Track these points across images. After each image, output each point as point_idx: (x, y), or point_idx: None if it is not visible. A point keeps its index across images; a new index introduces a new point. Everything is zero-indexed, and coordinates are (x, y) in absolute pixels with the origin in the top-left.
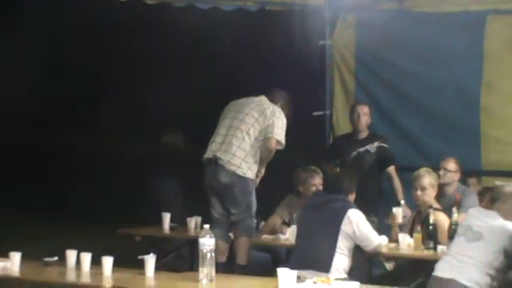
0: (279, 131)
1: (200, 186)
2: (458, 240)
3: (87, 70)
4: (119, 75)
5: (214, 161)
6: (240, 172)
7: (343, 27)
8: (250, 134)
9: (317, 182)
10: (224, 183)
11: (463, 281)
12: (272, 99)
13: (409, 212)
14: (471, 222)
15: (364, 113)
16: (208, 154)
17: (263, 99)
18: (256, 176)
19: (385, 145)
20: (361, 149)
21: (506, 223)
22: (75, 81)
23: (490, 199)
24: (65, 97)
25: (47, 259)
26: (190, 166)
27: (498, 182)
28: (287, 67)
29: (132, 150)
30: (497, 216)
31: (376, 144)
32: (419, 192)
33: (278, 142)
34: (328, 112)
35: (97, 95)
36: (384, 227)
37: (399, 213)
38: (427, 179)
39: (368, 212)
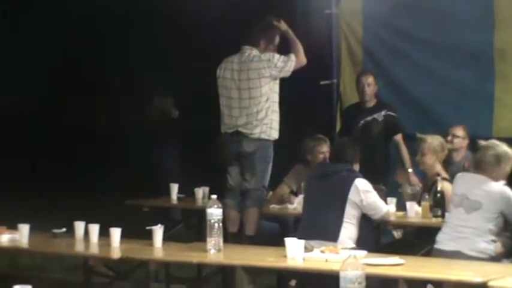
0: (286, 65)
1: (205, 155)
2: (457, 211)
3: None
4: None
5: (237, 133)
6: (264, 136)
7: None
8: (263, 93)
9: (325, 149)
10: (247, 152)
11: (468, 251)
12: (254, 43)
13: (416, 180)
14: (467, 190)
15: (369, 83)
16: (229, 129)
17: (251, 52)
18: None
19: (392, 113)
20: (369, 118)
21: (502, 187)
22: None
23: (477, 163)
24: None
25: (55, 230)
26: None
27: (482, 142)
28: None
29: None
30: (489, 180)
31: (383, 112)
32: (418, 157)
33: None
34: (335, 81)
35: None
36: (392, 194)
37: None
38: (427, 144)
39: (376, 180)
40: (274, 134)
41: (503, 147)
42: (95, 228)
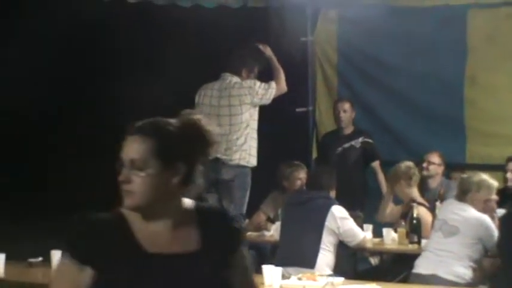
0: (267, 92)
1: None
2: (436, 235)
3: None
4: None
5: (216, 160)
6: (243, 162)
7: (325, 23)
8: (244, 120)
9: (302, 176)
10: (226, 179)
11: (444, 275)
12: (235, 71)
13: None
14: (446, 216)
15: (345, 110)
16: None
17: (231, 79)
18: None
19: (369, 140)
20: (346, 145)
21: (480, 215)
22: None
23: (461, 191)
24: (46, 98)
25: (31, 260)
26: None
27: (464, 175)
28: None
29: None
30: (469, 208)
31: (360, 139)
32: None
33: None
34: (311, 108)
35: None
36: (369, 221)
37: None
38: (393, 172)
39: (354, 206)
40: (253, 161)
41: (483, 175)
42: None
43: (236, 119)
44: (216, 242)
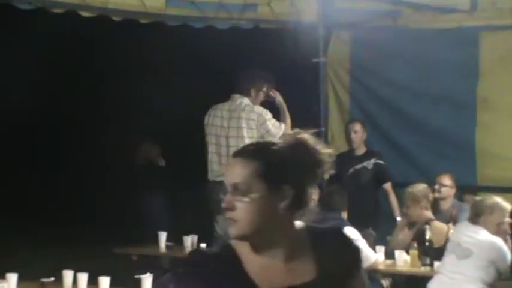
0: (275, 130)
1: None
2: (449, 258)
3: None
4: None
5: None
6: None
7: (337, 44)
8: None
9: (314, 196)
10: None
11: None
12: (244, 92)
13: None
14: (459, 238)
15: (356, 131)
16: (217, 177)
17: (242, 101)
18: None
19: (381, 162)
20: (358, 166)
21: (493, 237)
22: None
23: (474, 214)
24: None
25: (43, 280)
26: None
27: (477, 197)
28: (281, 85)
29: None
30: (483, 230)
31: (372, 160)
32: (404, 210)
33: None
34: (322, 129)
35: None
36: (381, 243)
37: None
38: (407, 195)
39: (366, 224)
40: None
41: (496, 198)
42: (83, 278)
43: (243, 141)
44: (334, 267)
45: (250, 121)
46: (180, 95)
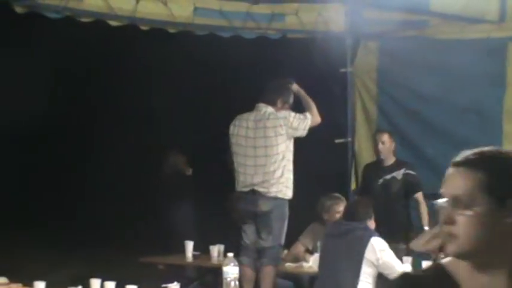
0: (302, 123)
1: (220, 212)
2: None
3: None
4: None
5: (253, 192)
6: (280, 195)
7: (365, 55)
8: (279, 151)
9: (341, 209)
10: (264, 211)
11: None
12: (270, 101)
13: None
14: None
15: (384, 141)
16: (244, 187)
17: (266, 110)
18: None
19: (412, 172)
20: (388, 176)
21: None
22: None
23: None
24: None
25: None
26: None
27: None
28: (308, 95)
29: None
30: None
31: (402, 171)
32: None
33: (312, 121)
34: (350, 139)
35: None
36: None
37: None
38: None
39: (397, 239)
40: (289, 193)
41: None
42: (111, 286)
43: (272, 150)
44: None
45: (278, 128)
46: (208, 104)
